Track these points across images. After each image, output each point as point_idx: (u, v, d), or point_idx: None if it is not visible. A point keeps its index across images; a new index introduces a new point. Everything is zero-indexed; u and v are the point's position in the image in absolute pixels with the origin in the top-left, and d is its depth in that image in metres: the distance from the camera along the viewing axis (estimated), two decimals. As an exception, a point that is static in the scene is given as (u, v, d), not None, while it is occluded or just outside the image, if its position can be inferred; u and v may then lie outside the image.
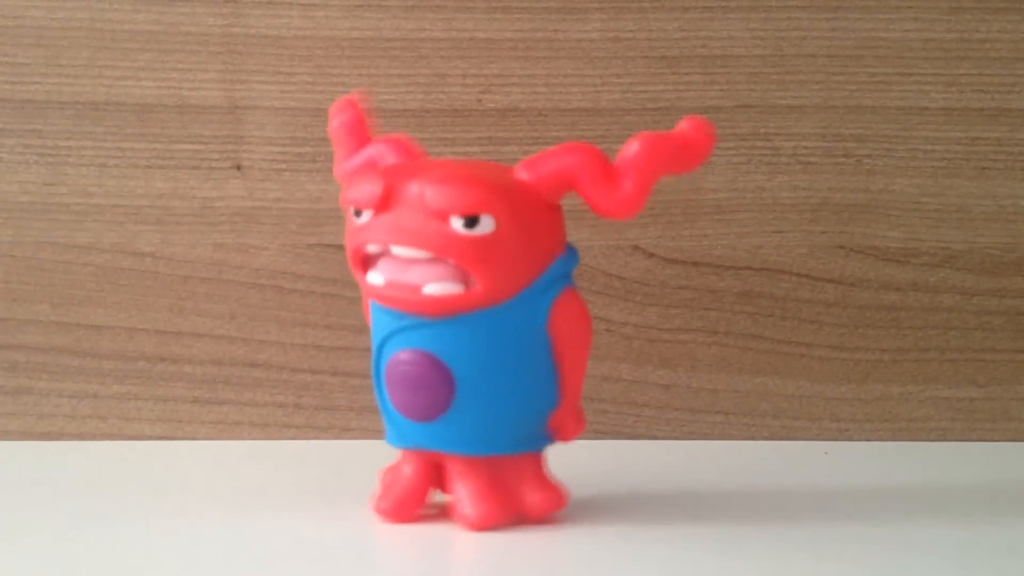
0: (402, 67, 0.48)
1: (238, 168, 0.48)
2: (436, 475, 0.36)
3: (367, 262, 0.35)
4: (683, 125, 0.35)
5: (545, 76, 0.48)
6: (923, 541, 0.35)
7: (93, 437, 0.48)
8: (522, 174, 0.35)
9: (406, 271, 0.34)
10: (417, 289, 0.34)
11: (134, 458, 0.45)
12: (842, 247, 0.49)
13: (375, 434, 0.48)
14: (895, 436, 0.49)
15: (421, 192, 0.33)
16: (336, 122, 0.38)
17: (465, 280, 0.34)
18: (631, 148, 0.34)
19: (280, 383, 0.48)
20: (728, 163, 0.48)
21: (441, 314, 0.34)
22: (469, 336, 0.34)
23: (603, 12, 0.48)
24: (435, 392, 0.34)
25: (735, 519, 0.37)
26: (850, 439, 0.49)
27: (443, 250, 0.33)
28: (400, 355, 0.35)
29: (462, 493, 0.35)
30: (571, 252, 0.36)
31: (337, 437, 0.48)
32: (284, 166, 0.48)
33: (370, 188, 0.34)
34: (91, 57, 0.48)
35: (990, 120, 0.49)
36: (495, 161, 0.47)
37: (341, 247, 0.48)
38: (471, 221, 0.33)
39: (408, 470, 0.36)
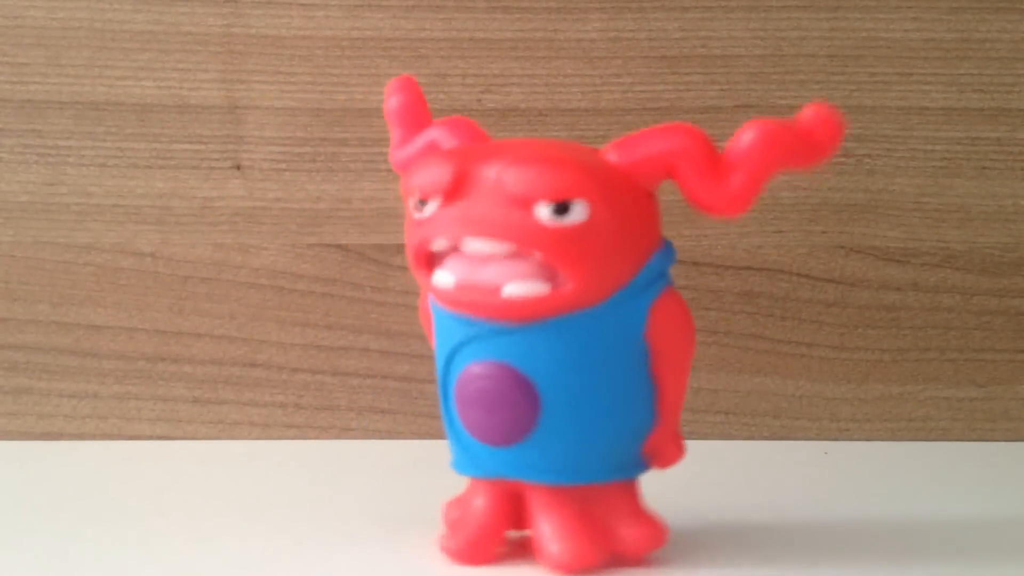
0: (402, 67, 0.48)
1: (238, 168, 0.48)
2: (514, 508, 0.31)
3: (432, 260, 0.30)
4: (807, 114, 0.29)
5: (545, 76, 0.48)
6: (923, 541, 0.35)
7: (93, 437, 0.48)
8: (612, 156, 0.30)
9: (481, 269, 0.29)
10: (495, 290, 0.29)
11: (134, 458, 0.45)
12: (842, 247, 0.49)
13: (375, 434, 0.49)
14: (895, 436, 0.49)
15: (500, 175, 0.29)
16: (392, 102, 0.33)
17: (552, 278, 0.29)
18: (744, 137, 0.29)
19: (280, 383, 0.48)
20: (728, 163, 0.48)
21: (524, 319, 0.29)
22: (557, 345, 0.29)
23: (603, 12, 0.48)
24: (517, 411, 0.29)
25: (735, 519, 0.37)
26: (850, 439, 0.49)
27: (527, 242, 0.28)
28: (474, 368, 0.30)
29: (547, 529, 0.30)
30: (668, 247, 0.31)
31: (337, 437, 0.48)
32: (284, 166, 0.48)
33: (437, 173, 0.29)
34: (91, 57, 0.48)
35: (990, 120, 0.49)
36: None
37: (341, 247, 0.48)
38: (561, 208, 0.28)
39: (481, 503, 0.31)
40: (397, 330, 0.48)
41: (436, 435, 0.48)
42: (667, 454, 0.31)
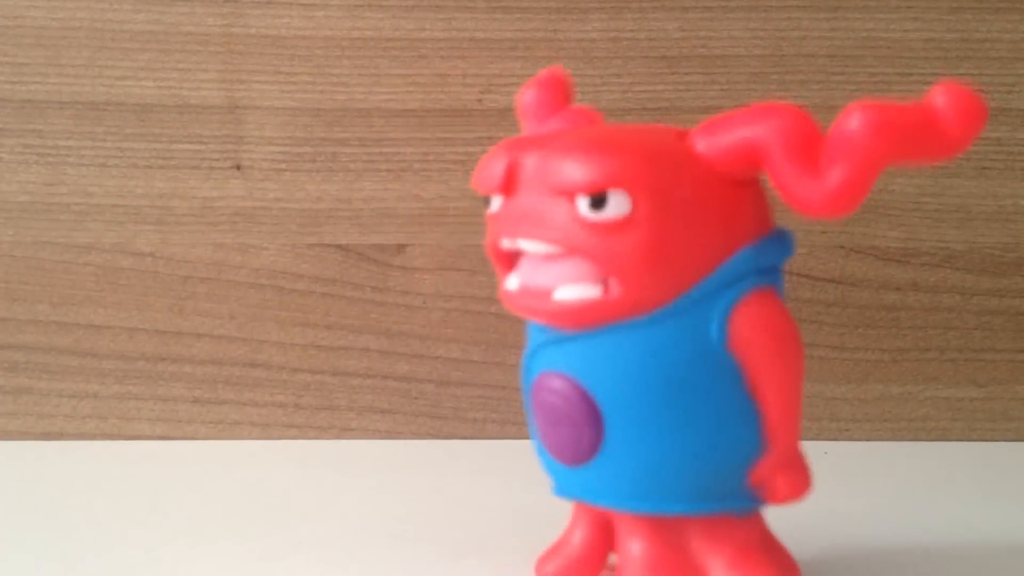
0: (402, 67, 0.48)
1: (238, 168, 0.48)
2: (609, 532, 0.29)
3: (511, 260, 0.28)
4: (938, 96, 0.24)
5: (545, 76, 0.48)
6: (923, 541, 0.35)
7: (93, 437, 0.48)
8: (699, 143, 0.26)
9: (538, 271, 0.26)
10: (547, 294, 0.26)
11: (134, 458, 0.45)
12: (842, 247, 0.49)
13: (375, 434, 0.49)
14: (895, 436, 0.49)
15: (543, 166, 0.26)
16: (526, 96, 0.30)
17: (605, 280, 0.26)
18: (850, 123, 0.24)
19: (280, 383, 0.48)
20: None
21: (577, 326, 0.26)
22: (616, 356, 0.26)
23: (603, 12, 0.48)
24: (579, 428, 0.26)
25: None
26: (850, 439, 0.49)
27: (568, 240, 0.25)
28: (541, 379, 0.27)
29: (627, 558, 0.27)
30: (771, 243, 0.26)
31: (337, 437, 0.48)
32: (284, 166, 0.48)
33: (492, 167, 0.26)
34: (91, 57, 0.48)
35: (990, 120, 0.48)
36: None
37: (341, 247, 0.48)
38: (597, 200, 0.25)
39: (579, 525, 0.29)
40: (397, 330, 0.48)
41: (436, 435, 0.48)
42: (781, 486, 0.27)
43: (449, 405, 0.49)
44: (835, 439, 0.49)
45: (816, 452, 0.47)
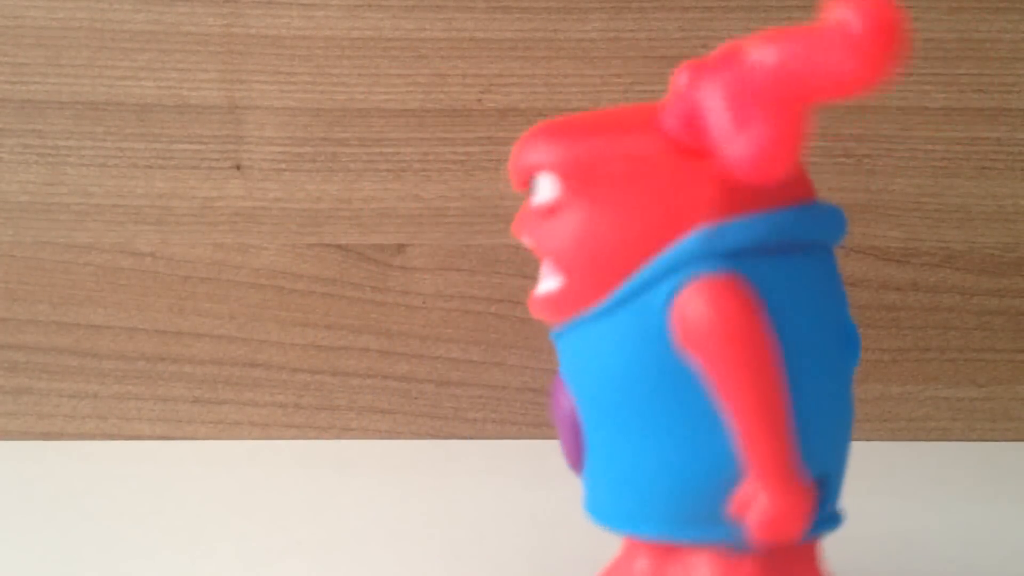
0: (402, 67, 0.48)
1: (238, 168, 0.48)
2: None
3: None
4: (841, 14, 0.22)
5: (545, 76, 0.48)
6: (923, 541, 0.35)
7: (93, 437, 0.48)
8: (664, 118, 0.23)
9: (542, 270, 0.25)
10: (534, 291, 0.25)
11: (134, 458, 0.45)
12: (842, 247, 0.49)
13: (375, 434, 0.49)
14: (895, 436, 0.49)
15: (514, 158, 0.24)
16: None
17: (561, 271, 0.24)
18: (755, 62, 0.22)
19: (280, 383, 0.48)
20: (728, 163, 0.48)
21: (552, 319, 0.24)
22: (576, 354, 0.24)
23: (603, 12, 0.48)
24: (565, 433, 0.25)
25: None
26: (850, 439, 0.49)
27: (528, 231, 0.24)
28: (555, 379, 0.25)
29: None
30: (742, 224, 0.22)
31: (337, 437, 0.48)
32: (284, 166, 0.48)
33: (512, 161, 0.25)
34: (91, 57, 0.48)
35: (990, 120, 0.49)
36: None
37: (341, 247, 0.48)
38: (532, 187, 0.24)
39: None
40: (397, 330, 0.48)
41: (436, 435, 0.48)
42: (764, 518, 0.22)
43: (449, 405, 0.49)
44: (835, 439, 0.49)
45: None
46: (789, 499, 0.22)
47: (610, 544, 0.34)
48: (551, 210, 0.23)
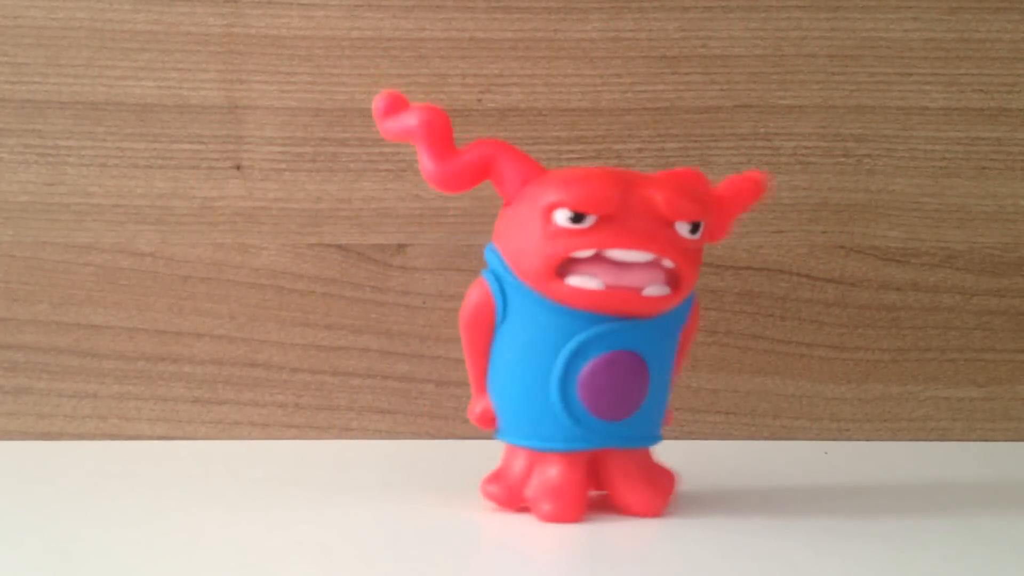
0: (402, 67, 0.48)
1: (238, 168, 0.48)
2: (594, 472, 0.37)
3: (566, 268, 0.35)
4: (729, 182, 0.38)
5: (545, 76, 0.48)
6: (923, 541, 0.35)
7: (93, 437, 0.48)
8: (718, 188, 0.38)
9: (625, 275, 0.35)
10: (638, 292, 0.35)
11: (134, 458, 0.45)
12: (842, 247, 0.49)
13: (375, 434, 0.49)
14: (895, 436, 0.49)
15: (652, 198, 0.35)
16: (415, 119, 0.37)
17: (672, 283, 0.35)
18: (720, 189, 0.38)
19: (280, 383, 0.48)
20: (728, 163, 0.48)
21: (654, 314, 0.35)
22: (660, 335, 0.36)
23: (603, 12, 0.48)
24: (638, 391, 0.36)
25: (735, 519, 0.37)
26: (850, 439, 0.49)
27: (669, 253, 0.35)
28: (610, 356, 0.35)
29: (633, 484, 0.37)
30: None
31: (337, 437, 0.48)
32: (284, 166, 0.48)
33: (607, 193, 0.34)
34: (91, 57, 0.48)
35: (990, 120, 0.49)
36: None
37: (341, 247, 0.48)
38: (695, 227, 0.35)
39: (567, 471, 0.36)
40: (397, 330, 0.48)
41: (436, 435, 0.48)
42: (670, 416, 0.38)
43: (449, 405, 0.49)
44: (835, 439, 0.49)
45: (816, 452, 0.47)
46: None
47: (611, 544, 0.34)
48: (699, 244, 0.36)
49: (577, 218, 0.34)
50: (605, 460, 0.37)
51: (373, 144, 0.48)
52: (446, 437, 0.48)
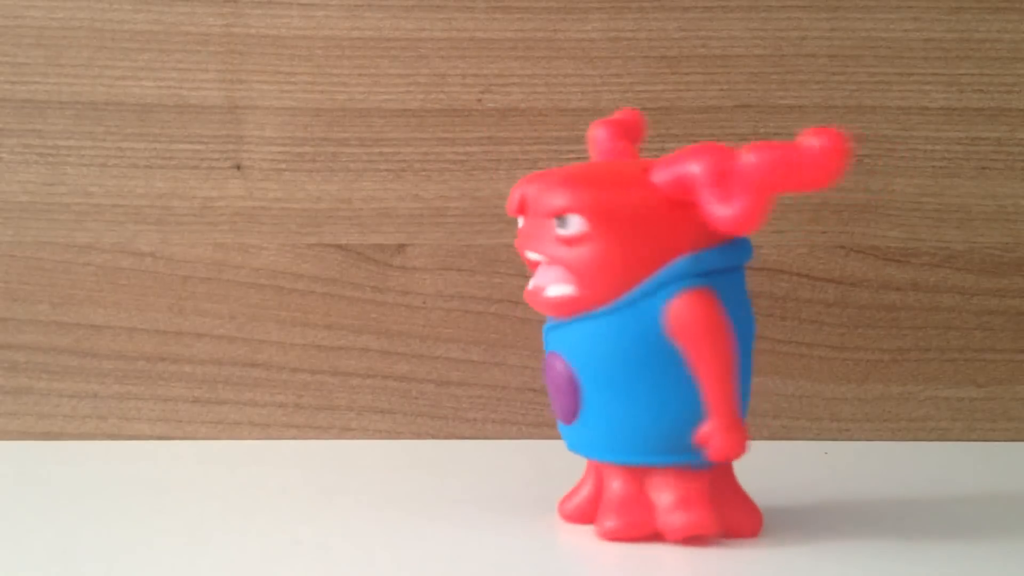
0: (402, 67, 0.48)
1: (238, 168, 0.48)
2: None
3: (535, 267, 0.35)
4: (810, 139, 0.31)
5: (545, 76, 0.48)
6: (923, 541, 0.35)
7: (93, 437, 0.48)
8: (655, 174, 0.33)
9: (539, 275, 0.34)
10: (541, 291, 0.34)
11: (134, 458, 0.45)
12: (842, 247, 0.49)
13: (375, 434, 0.49)
14: (895, 436, 0.49)
15: (536, 195, 0.34)
16: (596, 132, 0.37)
17: (575, 282, 0.33)
18: (746, 161, 0.31)
19: (280, 383, 0.48)
20: (728, 163, 0.48)
21: (562, 315, 0.34)
22: (586, 338, 0.33)
23: (603, 12, 0.48)
24: (566, 395, 0.34)
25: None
26: (850, 439, 0.49)
27: (547, 251, 0.34)
28: (548, 357, 0.35)
29: (606, 494, 0.35)
30: (709, 254, 0.33)
31: (337, 437, 0.48)
32: (284, 166, 0.48)
33: (512, 195, 0.35)
34: (91, 57, 0.48)
35: (990, 120, 0.49)
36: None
37: (341, 247, 0.48)
38: (561, 221, 0.33)
39: (588, 476, 0.36)
40: (397, 330, 0.48)
41: (436, 435, 0.48)
42: (719, 446, 0.33)
43: (449, 405, 0.49)
44: (835, 439, 0.49)
45: (816, 452, 0.47)
46: (736, 434, 0.33)
47: (612, 544, 0.34)
48: (577, 240, 0.33)
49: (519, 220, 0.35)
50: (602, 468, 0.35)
51: (373, 144, 0.48)
52: (446, 437, 0.48)
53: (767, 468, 0.45)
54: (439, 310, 0.48)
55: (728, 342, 0.33)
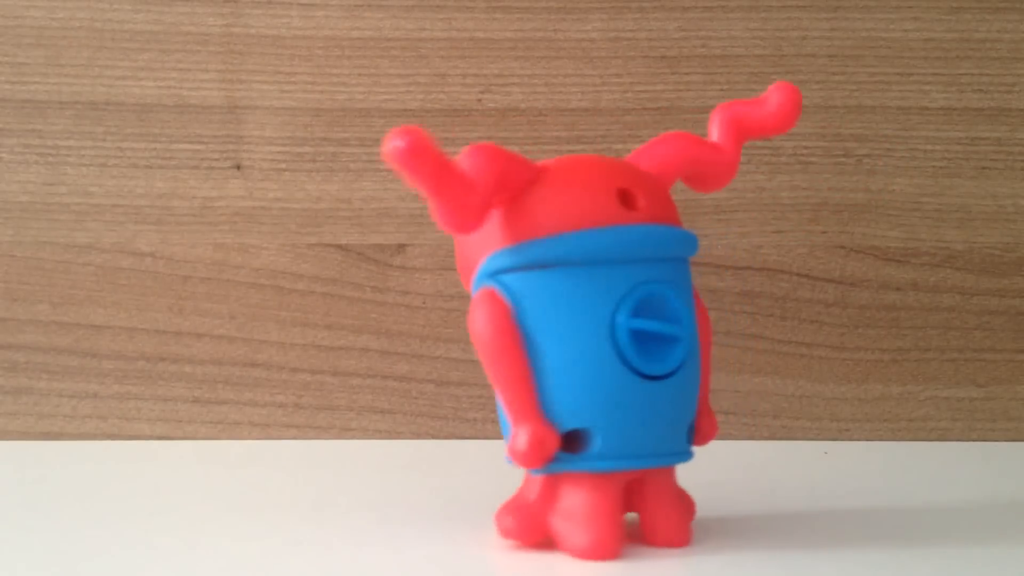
0: (402, 67, 0.48)
1: (238, 168, 0.48)
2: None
3: None
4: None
5: (545, 76, 0.48)
6: (923, 541, 0.35)
7: (93, 437, 0.48)
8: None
9: None
10: None
11: (134, 458, 0.45)
12: (842, 247, 0.49)
13: (375, 434, 0.49)
14: (895, 436, 0.49)
15: None
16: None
17: None
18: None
19: (280, 383, 0.48)
20: (728, 163, 0.48)
21: None
22: None
23: (603, 12, 0.48)
24: None
25: (735, 519, 0.37)
26: (850, 439, 0.49)
27: None
28: None
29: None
30: (506, 252, 0.32)
31: (337, 437, 0.48)
32: (284, 166, 0.48)
33: None
34: (91, 57, 0.48)
35: (990, 120, 0.49)
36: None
37: (341, 247, 0.48)
38: None
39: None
40: (397, 330, 0.48)
41: (436, 435, 0.48)
42: (511, 450, 0.31)
43: (449, 405, 0.49)
44: (835, 439, 0.49)
45: (816, 452, 0.47)
46: (521, 441, 0.31)
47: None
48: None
49: None
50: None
51: (373, 144, 0.48)
52: (446, 437, 0.48)
53: (767, 468, 0.45)
54: (439, 310, 0.48)
55: (504, 348, 0.31)
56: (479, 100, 0.48)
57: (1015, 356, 0.49)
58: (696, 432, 0.34)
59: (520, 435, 0.31)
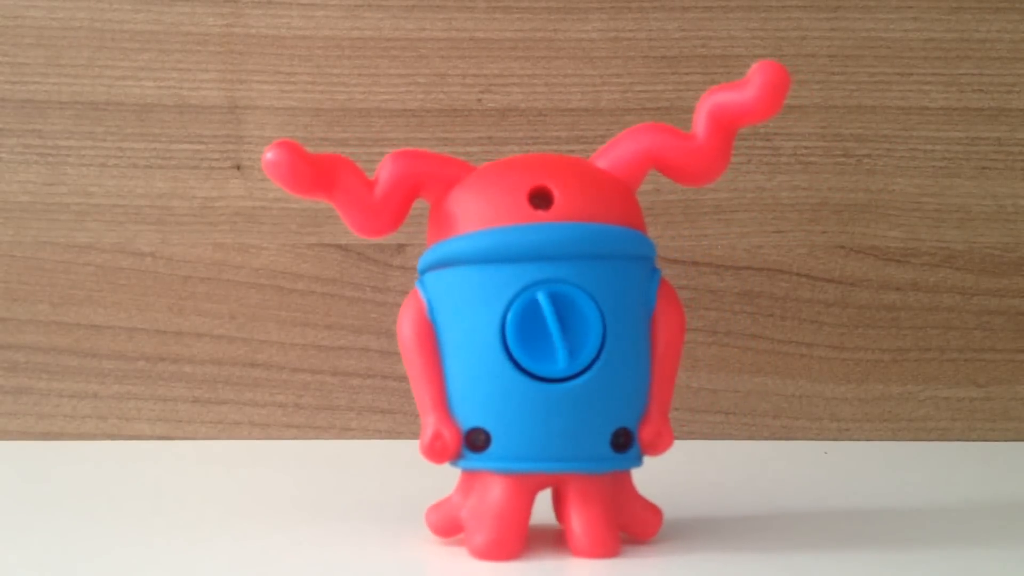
0: (402, 67, 0.48)
1: (238, 168, 0.48)
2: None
3: None
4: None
5: (545, 76, 0.48)
6: (923, 541, 0.35)
7: (93, 437, 0.48)
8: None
9: None
10: None
11: (134, 458, 0.45)
12: (842, 247, 0.49)
13: (375, 434, 0.49)
14: (895, 436, 0.49)
15: None
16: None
17: None
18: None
19: (280, 383, 0.48)
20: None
21: None
22: None
23: (603, 12, 0.48)
24: None
25: (735, 519, 0.37)
26: (850, 439, 0.49)
27: None
28: None
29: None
30: (426, 251, 0.33)
31: (337, 437, 0.48)
32: (284, 166, 0.48)
33: None
34: (91, 57, 0.48)
35: (990, 120, 0.49)
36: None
37: (341, 247, 0.48)
38: None
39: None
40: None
41: (436, 435, 0.48)
42: (420, 446, 0.33)
43: (449, 405, 0.49)
44: (835, 439, 0.49)
45: (816, 452, 0.47)
46: (423, 435, 0.32)
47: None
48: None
49: None
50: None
51: (373, 144, 0.48)
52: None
53: (767, 468, 0.45)
54: (439, 310, 0.48)
55: (407, 342, 0.32)
56: (479, 100, 0.48)
57: (1015, 356, 0.49)
58: (641, 441, 0.32)
59: (424, 429, 0.32)
